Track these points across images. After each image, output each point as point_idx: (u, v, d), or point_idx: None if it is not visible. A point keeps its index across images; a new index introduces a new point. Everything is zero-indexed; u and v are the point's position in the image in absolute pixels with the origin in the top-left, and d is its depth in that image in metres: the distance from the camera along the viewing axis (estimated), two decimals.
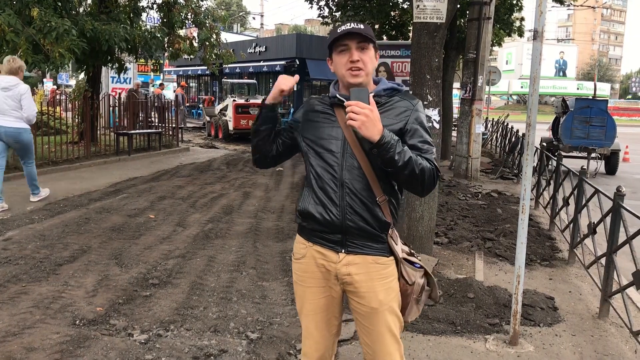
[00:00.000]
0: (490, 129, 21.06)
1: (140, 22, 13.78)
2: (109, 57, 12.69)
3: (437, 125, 5.63)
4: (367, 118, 2.01)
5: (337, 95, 2.24)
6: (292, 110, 25.10)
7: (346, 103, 2.07)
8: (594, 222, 5.27)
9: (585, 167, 6.37)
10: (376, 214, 2.18)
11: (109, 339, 3.64)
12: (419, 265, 2.32)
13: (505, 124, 17.37)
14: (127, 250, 5.67)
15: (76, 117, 13.33)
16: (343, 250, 2.21)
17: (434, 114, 5.59)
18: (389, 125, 2.13)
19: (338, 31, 2.19)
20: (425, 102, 5.57)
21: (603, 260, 4.74)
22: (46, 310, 4.07)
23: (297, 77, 2.33)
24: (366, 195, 2.17)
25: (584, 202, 5.87)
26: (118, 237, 6.10)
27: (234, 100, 18.88)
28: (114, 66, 13.32)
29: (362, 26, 2.20)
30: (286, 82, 2.26)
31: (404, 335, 3.97)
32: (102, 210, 7.32)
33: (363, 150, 2.17)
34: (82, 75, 15.82)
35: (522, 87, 56.98)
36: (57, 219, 6.83)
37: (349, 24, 2.20)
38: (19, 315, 3.96)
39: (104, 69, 15.56)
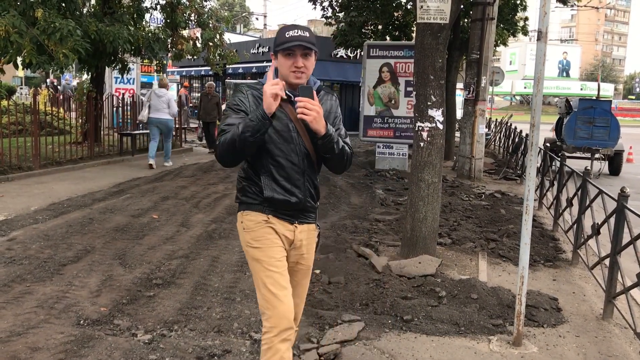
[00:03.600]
0: (494, 130, 21.03)
1: (144, 23, 13.80)
2: (113, 58, 12.72)
3: (440, 126, 5.63)
4: (317, 114, 2.43)
5: (287, 92, 2.52)
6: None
7: (298, 99, 2.42)
8: (597, 223, 5.26)
9: (588, 167, 6.36)
10: (318, 192, 2.75)
11: (113, 339, 3.65)
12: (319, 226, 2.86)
13: (509, 124, 17.34)
14: (130, 250, 5.68)
15: (80, 117, 13.36)
16: (297, 222, 2.68)
17: (438, 114, 5.59)
18: (324, 117, 2.52)
19: (286, 36, 2.48)
20: (429, 103, 5.57)
21: (607, 261, 4.72)
22: (50, 310, 4.09)
23: (279, 81, 2.49)
24: (314, 178, 2.70)
25: (587, 203, 5.86)
26: (122, 238, 6.12)
27: None
28: (117, 67, 13.35)
29: (307, 34, 2.51)
30: (277, 87, 2.42)
31: (407, 336, 3.97)
32: (105, 211, 7.33)
33: (309, 140, 2.58)
34: (85, 76, 15.84)
35: (525, 87, 56.88)
36: (60, 219, 6.85)
37: (296, 31, 2.50)
38: (23, 315, 3.97)
39: (107, 69, 15.58)
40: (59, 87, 23.63)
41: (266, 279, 2.57)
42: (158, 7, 13.80)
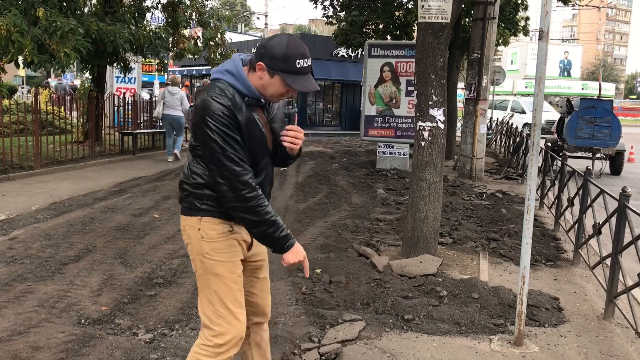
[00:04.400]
0: (495, 129, 21.01)
1: (145, 22, 13.80)
2: (114, 57, 12.72)
3: (441, 125, 5.62)
4: (301, 140, 2.45)
5: (262, 100, 2.39)
6: (295, 109, 25.12)
7: (290, 127, 2.42)
8: (599, 223, 5.25)
9: (590, 167, 6.35)
10: (271, 187, 2.64)
11: (114, 338, 3.65)
12: None
13: (510, 124, 17.33)
14: (132, 249, 5.68)
15: (81, 116, 13.38)
16: None
17: (439, 114, 5.59)
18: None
19: (297, 66, 2.29)
20: (430, 102, 5.57)
21: (608, 261, 4.72)
22: (51, 309, 4.09)
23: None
24: (273, 176, 2.63)
25: (589, 202, 5.85)
26: (123, 237, 6.12)
27: None
28: (118, 66, 13.35)
29: (310, 62, 2.36)
30: (304, 259, 2.47)
31: (408, 335, 3.97)
32: (106, 210, 7.34)
33: (272, 143, 2.52)
34: (87, 75, 15.84)
35: (526, 87, 56.83)
36: (62, 218, 6.86)
37: (306, 61, 2.32)
38: (24, 314, 3.97)
39: (108, 68, 15.59)
40: (59, 88, 23.71)
41: (225, 295, 2.41)
42: (159, 6, 13.80)
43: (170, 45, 13.67)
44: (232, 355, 2.48)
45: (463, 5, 9.16)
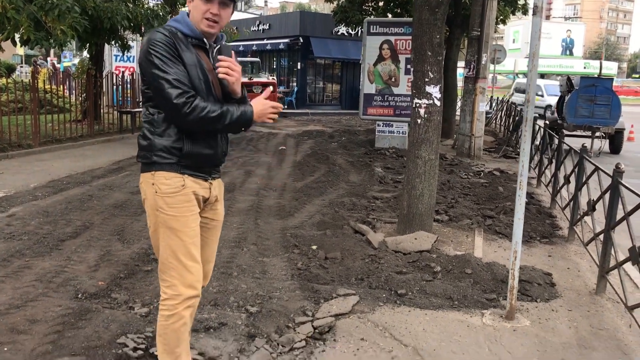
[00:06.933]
0: (495, 108, 20.95)
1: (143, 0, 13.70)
2: (112, 35, 12.65)
3: (438, 103, 5.61)
4: (238, 76, 2.43)
5: (205, 40, 2.48)
6: (295, 89, 25.01)
7: (221, 58, 2.41)
8: (593, 200, 5.28)
9: (586, 144, 6.35)
10: (227, 145, 2.69)
11: (110, 312, 3.70)
12: None
13: (510, 102, 17.27)
14: (129, 226, 5.72)
15: (80, 95, 13.34)
16: (210, 178, 2.61)
17: (435, 91, 5.57)
18: None
19: None
20: (427, 79, 5.55)
21: (602, 237, 4.75)
22: (49, 284, 4.14)
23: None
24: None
25: (584, 179, 5.87)
26: (120, 214, 6.16)
27: None
28: (116, 44, 13.28)
29: None
30: (276, 112, 2.53)
31: (401, 309, 4.02)
32: (104, 188, 7.37)
33: (221, 94, 2.52)
34: (85, 53, 15.76)
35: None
36: (60, 195, 6.89)
37: None
38: (22, 289, 4.02)
39: (107, 47, 15.51)
40: (39, 66, 23.56)
41: (178, 249, 2.48)
42: None
43: None
44: (192, 312, 2.56)
45: None
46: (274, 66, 27.74)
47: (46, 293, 3.97)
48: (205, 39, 2.48)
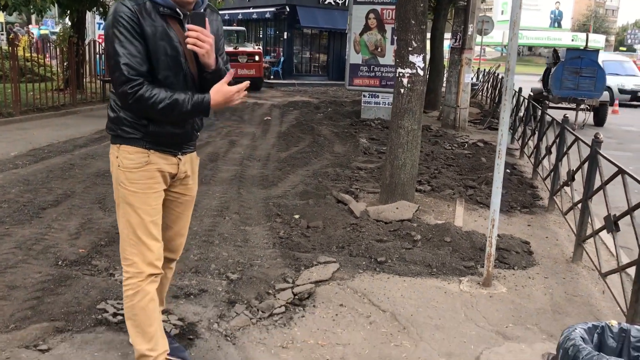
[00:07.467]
0: (482, 80, 20.92)
1: None
2: (94, 2, 12.38)
3: (421, 72, 5.60)
4: (210, 46, 2.25)
5: (178, 10, 2.31)
6: (282, 59, 24.75)
7: (189, 27, 2.23)
8: (572, 170, 5.34)
9: (567, 115, 6.39)
10: (201, 120, 2.57)
11: (91, 279, 3.71)
12: None
13: (496, 74, 17.25)
14: (110, 195, 5.64)
15: (61, 63, 13.11)
16: (180, 153, 2.51)
17: (419, 60, 5.55)
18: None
19: None
20: (410, 48, 5.53)
21: (580, 207, 4.82)
22: (28, 251, 4.13)
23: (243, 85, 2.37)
24: None
25: (564, 150, 5.92)
26: (102, 183, 6.12)
27: None
28: (98, 11, 13.01)
29: None
30: (241, 95, 2.36)
31: (380, 276, 4.07)
32: (86, 157, 7.31)
33: (195, 65, 2.36)
34: (67, 21, 15.45)
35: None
36: (41, 164, 6.83)
37: None
38: (1, 256, 4.01)
39: (89, 14, 15.20)
40: (15, 33, 23.03)
41: (137, 226, 2.41)
42: None
43: None
44: (155, 285, 2.49)
45: None
46: (260, 35, 27.40)
47: (26, 260, 3.97)
48: (178, 9, 2.30)
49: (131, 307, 2.45)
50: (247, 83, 2.37)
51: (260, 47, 22.98)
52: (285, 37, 25.13)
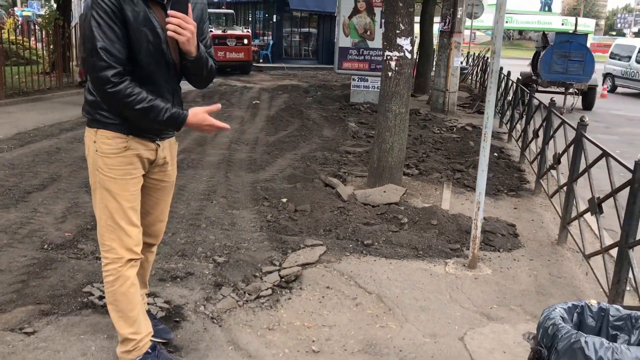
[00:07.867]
0: (472, 64, 20.92)
1: None
2: None
3: (408, 55, 5.59)
4: (191, 34, 2.18)
5: None
6: (271, 42, 24.55)
7: (171, 13, 2.15)
8: (559, 153, 5.37)
9: (554, 98, 6.41)
10: (182, 105, 2.52)
11: (76, 262, 3.71)
12: None
13: (486, 58, 17.25)
14: None
15: (47, 46, 12.94)
16: (158, 139, 2.47)
17: (406, 43, 5.53)
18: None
19: None
20: (398, 31, 5.50)
21: (565, 189, 4.86)
22: (14, 235, 4.11)
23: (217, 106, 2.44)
24: (179, 90, 2.51)
25: (551, 133, 5.95)
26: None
27: (211, 31, 18.38)
28: None
29: None
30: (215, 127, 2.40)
31: (367, 259, 4.09)
32: (73, 140, 7.26)
33: (177, 52, 2.33)
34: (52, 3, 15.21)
35: (507, 22, 56.18)
36: (27, 148, 6.77)
37: None
38: None
39: None
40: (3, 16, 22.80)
41: (115, 212, 2.38)
42: None
43: None
44: (135, 270, 2.48)
45: None
46: (249, 18, 27.13)
47: (11, 244, 3.95)
48: None
49: (112, 293, 2.45)
50: (225, 125, 2.42)
51: (249, 30, 22.76)
52: (274, 20, 24.90)
